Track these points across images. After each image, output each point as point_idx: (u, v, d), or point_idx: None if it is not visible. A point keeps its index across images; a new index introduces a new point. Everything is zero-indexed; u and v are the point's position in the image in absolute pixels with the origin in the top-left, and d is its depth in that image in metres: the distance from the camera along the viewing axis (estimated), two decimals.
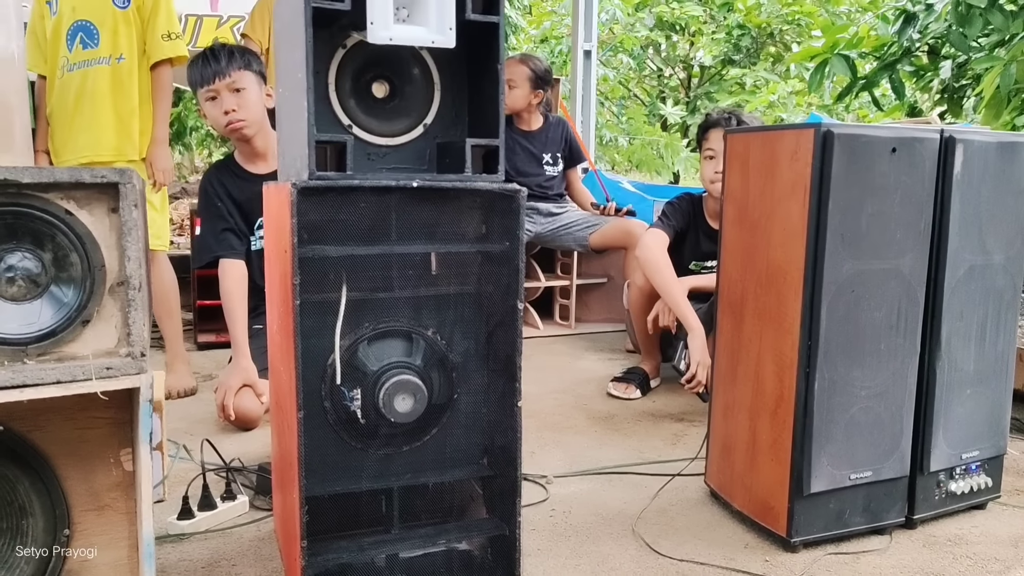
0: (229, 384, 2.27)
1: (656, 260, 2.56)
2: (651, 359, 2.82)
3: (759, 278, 1.67)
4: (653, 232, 2.62)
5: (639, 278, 2.68)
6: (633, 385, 2.69)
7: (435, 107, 1.42)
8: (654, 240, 2.60)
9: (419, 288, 1.42)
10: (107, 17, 2.78)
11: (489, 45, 1.34)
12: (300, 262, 1.26)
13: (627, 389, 2.68)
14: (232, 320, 2.35)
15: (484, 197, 1.38)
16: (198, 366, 3.05)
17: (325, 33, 1.31)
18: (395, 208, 1.36)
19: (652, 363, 2.82)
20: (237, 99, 2.44)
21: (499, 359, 1.42)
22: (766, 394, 1.66)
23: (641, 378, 2.73)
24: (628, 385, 2.69)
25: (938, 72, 4.90)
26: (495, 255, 1.40)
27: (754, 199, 1.68)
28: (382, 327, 1.42)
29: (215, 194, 2.50)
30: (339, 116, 1.37)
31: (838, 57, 5.25)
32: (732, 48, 8.29)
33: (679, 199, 2.75)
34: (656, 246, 2.58)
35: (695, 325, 2.42)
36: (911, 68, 5.23)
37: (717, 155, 2.58)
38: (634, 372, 2.77)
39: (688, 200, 2.75)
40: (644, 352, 2.84)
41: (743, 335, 1.73)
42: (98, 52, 2.76)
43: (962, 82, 5.19)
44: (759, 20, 8.04)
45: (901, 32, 4.79)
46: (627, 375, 2.75)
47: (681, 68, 8.96)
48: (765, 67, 8.32)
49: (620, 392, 2.68)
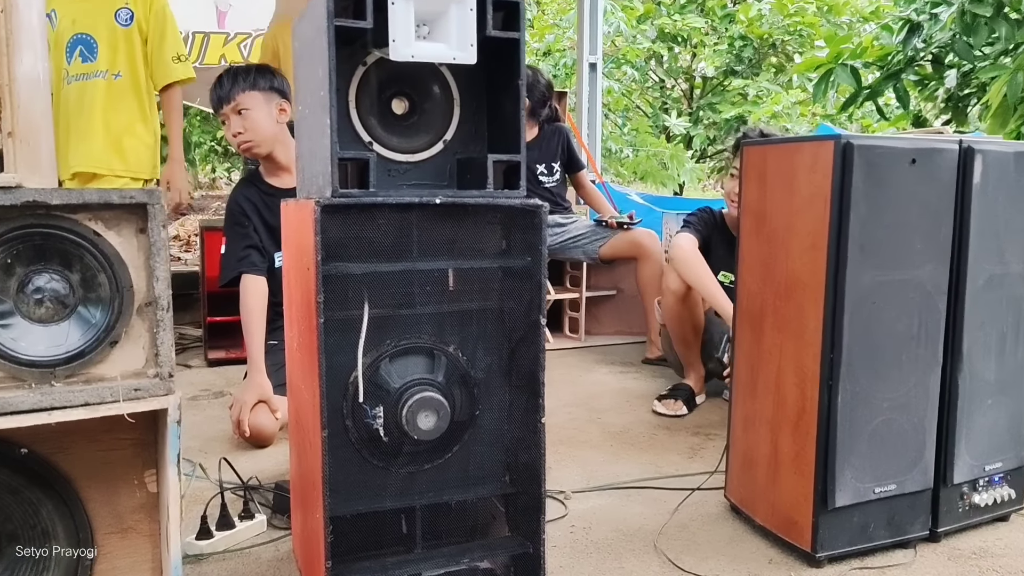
0: (244, 400, 2.26)
1: (689, 256, 2.56)
2: (694, 372, 2.78)
3: (778, 289, 1.67)
4: (683, 236, 2.63)
5: (673, 282, 2.64)
6: (680, 401, 2.64)
7: (455, 123, 1.42)
8: (686, 240, 2.61)
9: (441, 304, 1.42)
10: (108, 32, 2.79)
11: (509, 61, 1.34)
12: (323, 279, 1.25)
13: (675, 405, 2.63)
14: (250, 336, 2.34)
15: (506, 213, 1.38)
16: (208, 382, 3.04)
17: (346, 51, 1.32)
18: (417, 224, 1.36)
19: (696, 377, 2.77)
20: (243, 121, 2.45)
21: (522, 375, 1.42)
22: (788, 406, 1.65)
23: (687, 394, 2.68)
24: (675, 401, 2.64)
25: (943, 81, 4.90)
26: (517, 270, 1.39)
27: (772, 211, 1.68)
28: (404, 344, 1.41)
29: (240, 212, 2.50)
30: (360, 133, 1.37)
31: (842, 67, 5.26)
32: (734, 59, 8.31)
33: (701, 211, 2.75)
34: (688, 245, 2.59)
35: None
36: (915, 77, 5.24)
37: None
38: (680, 388, 2.72)
39: (709, 212, 2.76)
40: (687, 366, 2.79)
41: (763, 347, 1.72)
42: (96, 66, 2.78)
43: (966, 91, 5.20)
44: (761, 31, 8.07)
45: (905, 42, 4.80)
46: (673, 391, 2.71)
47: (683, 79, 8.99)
48: (767, 78, 8.34)
49: (667, 409, 2.63)
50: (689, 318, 2.68)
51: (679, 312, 2.67)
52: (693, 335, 2.71)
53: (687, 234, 2.64)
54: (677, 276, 2.61)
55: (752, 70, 8.41)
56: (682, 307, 2.65)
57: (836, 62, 5.34)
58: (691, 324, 2.69)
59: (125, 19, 2.83)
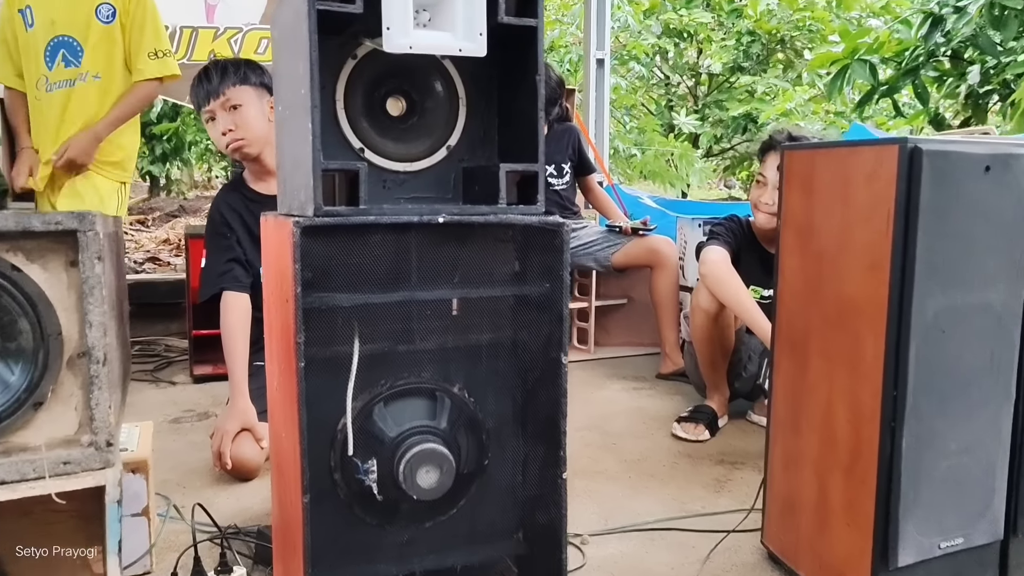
0: (226, 429, 2.06)
1: (723, 272, 2.34)
2: (718, 394, 2.56)
3: (827, 314, 1.46)
4: (713, 249, 2.40)
5: (705, 299, 2.41)
6: (702, 425, 2.43)
7: (460, 126, 1.22)
8: (717, 254, 2.38)
9: (444, 338, 1.21)
10: (90, 33, 2.58)
11: (525, 53, 1.14)
12: (305, 314, 1.05)
13: (696, 430, 2.42)
14: (232, 358, 2.14)
15: (521, 231, 1.17)
16: (192, 401, 2.84)
17: (332, 42, 1.11)
18: (416, 246, 1.16)
19: (720, 398, 2.56)
20: (234, 117, 2.25)
21: (539, 421, 1.21)
22: (839, 447, 1.45)
23: (709, 417, 2.47)
24: (697, 425, 2.43)
25: (965, 78, 4.69)
26: (534, 299, 1.19)
27: (820, 225, 1.47)
28: (401, 384, 1.21)
29: (222, 222, 2.30)
30: (349, 138, 1.16)
31: (859, 62, 5.05)
32: (741, 55, 8.10)
33: (728, 220, 2.54)
34: (720, 260, 2.37)
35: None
36: (935, 74, 5.03)
37: (768, 183, 2.39)
38: (702, 411, 2.50)
39: (737, 221, 2.54)
40: (711, 387, 2.58)
41: (808, 378, 1.52)
42: (80, 70, 2.57)
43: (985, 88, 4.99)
44: (769, 26, 7.86)
45: (927, 36, 4.58)
46: (694, 414, 2.49)
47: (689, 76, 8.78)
48: (775, 75, 8.12)
49: (688, 434, 2.41)
50: (719, 339, 2.46)
51: (709, 332, 2.44)
52: (722, 357, 2.50)
53: (718, 247, 2.41)
54: (709, 294, 2.40)
55: (760, 66, 8.19)
56: (713, 327, 2.43)
57: (852, 57, 5.14)
58: (721, 345, 2.48)
59: (107, 15, 2.62)
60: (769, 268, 2.54)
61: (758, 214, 2.44)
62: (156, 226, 6.06)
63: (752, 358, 2.55)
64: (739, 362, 2.55)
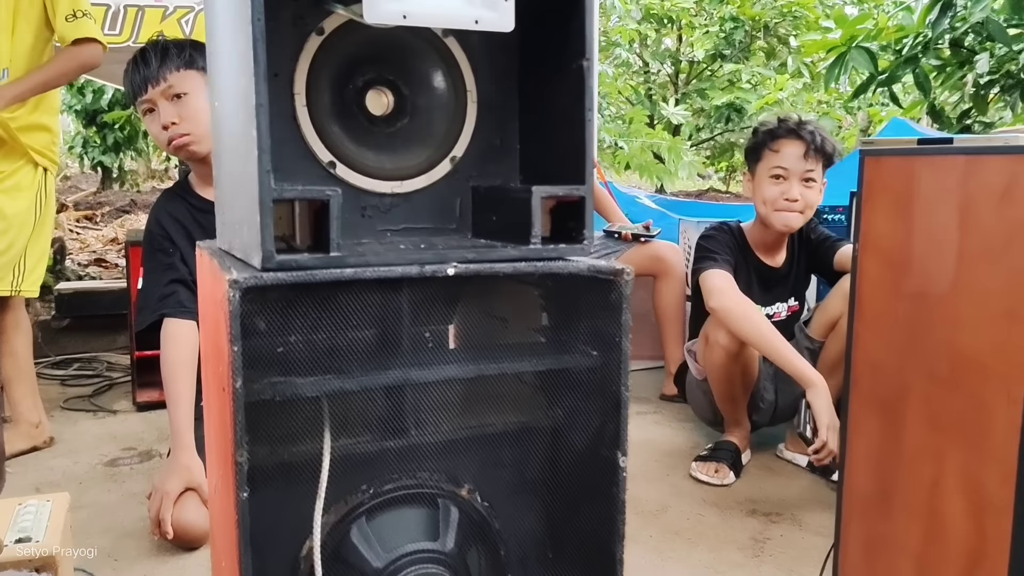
0: (166, 490, 1.69)
1: (739, 306, 2.00)
2: (739, 428, 2.24)
3: (934, 370, 1.15)
4: (718, 274, 2.05)
5: (722, 336, 2.06)
6: (725, 466, 2.11)
7: (469, 130, 0.88)
8: (724, 282, 2.03)
9: (448, 425, 0.87)
10: (6, 14, 2.17)
11: (566, 27, 0.80)
12: (251, 411, 0.70)
13: (718, 472, 2.10)
14: (174, 402, 1.77)
15: (563, 283, 0.83)
16: (135, 435, 2.46)
17: (288, 9, 0.77)
18: (411, 303, 0.81)
19: (741, 433, 2.23)
20: (178, 109, 1.86)
21: (583, 545, 0.88)
22: (950, 542, 1.13)
23: (732, 456, 2.15)
24: (719, 466, 2.11)
25: (973, 66, 4.42)
26: (578, 375, 0.85)
27: (924, 256, 1.15)
28: (390, 491, 0.87)
29: (163, 236, 1.91)
30: (313, 148, 0.82)
31: (858, 49, 4.77)
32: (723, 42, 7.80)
33: (717, 231, 2.19)
34: (730, 289, 2.02)
35: (814, 378, 1.85)
36: (937, 62, 4.76)
37: (792, 175, 2.05)
38: (723, 448, 2.17)
39: (728, 232, 2.19)
40: (729, 421, 2.25)
41: (904, 448, 1.20)
42: None
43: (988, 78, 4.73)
44: (753, 12, 7.56)
45: (937, 22, 4.30)
46: (715, 453, 2.16)
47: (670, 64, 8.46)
48: (759, 62, 7.83)
49: (710, 477, 2.09)
50: (741, 374, 2.12)
51: (729, 371, 2.10)
52: (743, 392, 2.17)
53: (719, 271, 2.05)
54: (726, 330, 2.07)
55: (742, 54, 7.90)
56: (733, 365, 2.09)
57: (850, 44, 4.86)
58: (742, 382, 2.14)
59: None
60: (768, 281, 2.23)
61: (781, 215, 2.08)
62: (105, 222, 5.61)
63: (767, 387, 2.24)
64: (756, 392, 2.24)
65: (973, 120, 5.09)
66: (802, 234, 2.25)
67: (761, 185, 2.12)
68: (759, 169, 2.13)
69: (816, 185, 2.09)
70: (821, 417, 1.81)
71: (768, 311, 2.22)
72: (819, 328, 2.18)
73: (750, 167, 2.18)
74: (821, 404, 1.82)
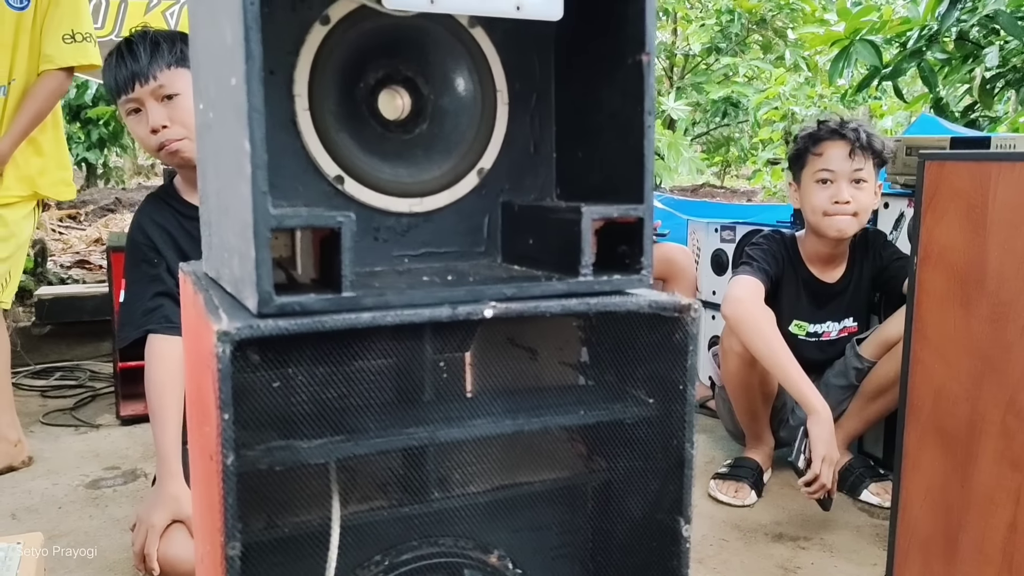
0: (151, 523, 1.56)
1: (752, 317, 1.86)
2: (761, 444, 2.12)
3: (1011, 400, 1.03)
4: (744, 281, 1.91)
5: (737, 343, 1.94)
6: (746, 484, 1.99)
7: (499, 136, 0.75)
8: (746, 291, 1.89)
9: (476, 485, 0.75)
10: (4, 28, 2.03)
11: (621, 18, 0.67)
12: (242, 482, 0.57)
13: (738, 492, 1.98)
14: (160, 425, 1.63)
15: (617, 322, 0.70)
16: (119, 453, 2.32)
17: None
18: (434, 348, 0.68)
19: (763, 450, 2.11)
20: (169, 110, 1.68)
21: None
22: None
23: (754, 474, 2.03)
24: (739, 485, 1.99)
25: (980, 60, 4.31)
26: (633, 428, 0.72)
27: (1003, 274, 1.03)
28: (409, 559, 0.74)
29: (147, 245, 1.75)
30: (317, 160, 0.68)
31: (863, 43, 4.66)
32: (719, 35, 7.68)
33: (766, 240, 2.04)
34: (750, 299, 1.88)
35: (818, 406, 1.73)
36: (943, 56, 4.65)
37: (839, 177, 1.90)
38: (743, 465, 2.05)
39: (779, 241, 2.04)
40: (751, 436, 2.13)
41: (974, 487, 1.08)
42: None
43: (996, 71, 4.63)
44: (750, 5, 7.44)
45: (946, 15, 4.18)
46: (735, 470, 2.04)
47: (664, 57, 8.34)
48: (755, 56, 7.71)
49: (730, 497, 1.97)
50: (759, 385, 2.00)
51: (746, 380, 1.98)
52: (763, 404, 2.05)
53: (750, 278, 1.91)
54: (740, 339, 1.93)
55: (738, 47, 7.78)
56: (750, 373, 1.96)
57: (854, 37, 4.75)
58: (761, 392, 2.01)
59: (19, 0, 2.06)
60: (819, 297, 2.06)
61: (832, 220, 1.92)
62: (89, 222, 5.45)
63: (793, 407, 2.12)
64: (783, 407, 2.12)
65: (978, 115, 5.00)
66: (869, 248, 2.05)
67: (808, 192, 1.96)
68: (804, 176, 1.98)
69: (868, 186, 1.91)
70: (817, 448, 1.69)
71: (815, 328, 2.07)
72: (873, 348, 1.99)
73: (794, 175, 2.03)
74: (820, 435, 1.70)
